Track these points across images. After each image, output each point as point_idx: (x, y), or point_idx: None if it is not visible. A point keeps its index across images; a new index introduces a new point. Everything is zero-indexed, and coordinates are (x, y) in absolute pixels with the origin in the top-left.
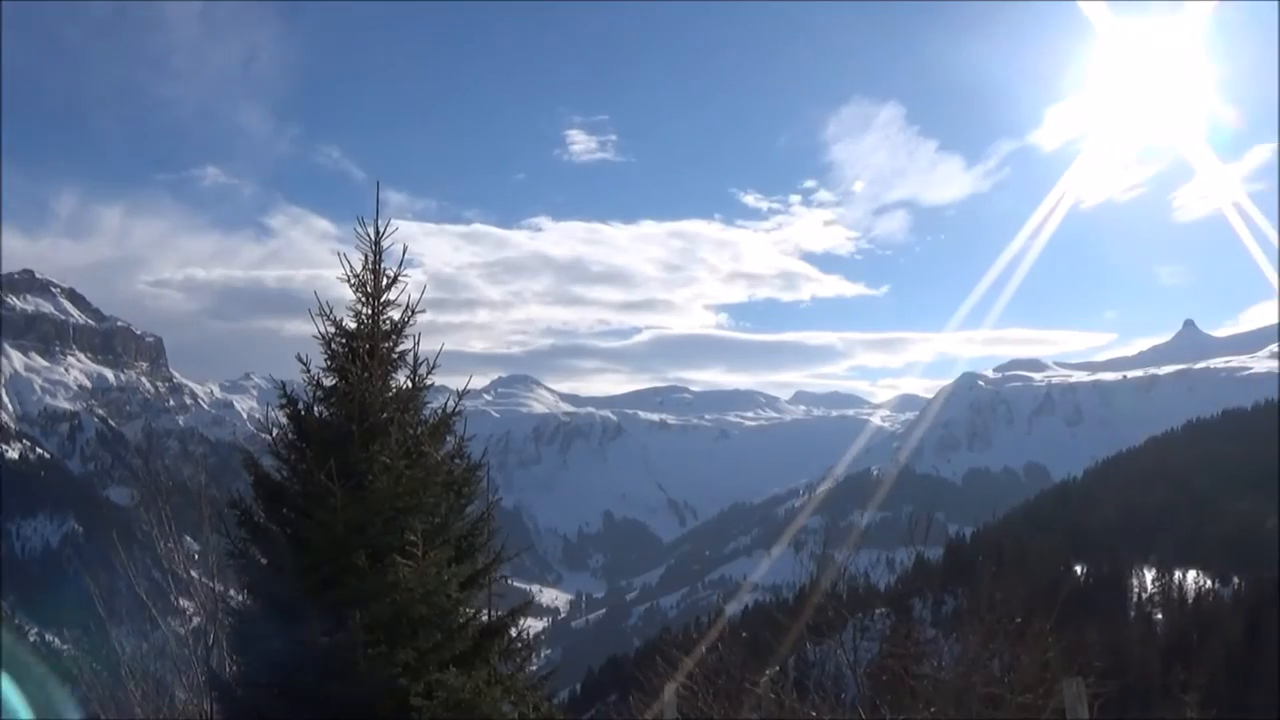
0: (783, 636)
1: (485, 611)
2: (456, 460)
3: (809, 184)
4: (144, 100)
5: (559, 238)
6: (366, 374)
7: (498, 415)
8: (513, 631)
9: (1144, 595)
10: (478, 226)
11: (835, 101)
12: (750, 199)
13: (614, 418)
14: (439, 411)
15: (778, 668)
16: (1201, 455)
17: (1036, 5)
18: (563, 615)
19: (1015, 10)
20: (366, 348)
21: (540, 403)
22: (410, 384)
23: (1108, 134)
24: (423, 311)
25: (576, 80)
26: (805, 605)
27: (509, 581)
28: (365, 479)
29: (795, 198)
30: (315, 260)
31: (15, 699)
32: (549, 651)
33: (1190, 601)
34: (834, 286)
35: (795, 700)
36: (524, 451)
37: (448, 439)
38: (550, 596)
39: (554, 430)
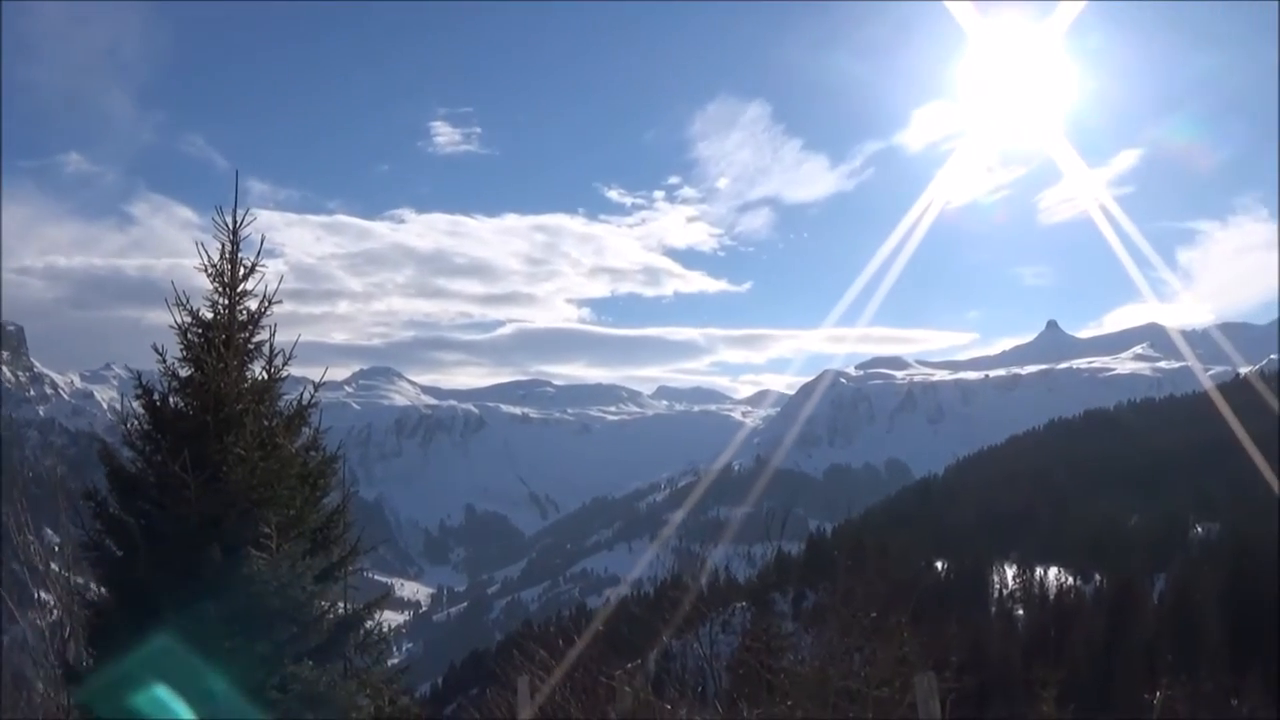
0: (641, 631)
1: (341, 604)
2: (312, 452)
3: (673, 180)
4: (7, 85)
5: (422, 229)
6: (222, 365)
7: (359, 407)
8: (369, 624)
9: (1005, 592)
10: (340, 217)
11: (701, 98)
12: (614, 194)
13: (476, 411)
14: (294, 403)
15: (639, 661)
16: (1063, 454)
17: (904, 7)
18: (424, 609)
19: (883, 12)
20: (222, 338)
21: (402, 395)
22: (266, 375)
23: (974, 136)
24: (279, 302)
25: (442, 72)
26: (664, 599)
27: (368, 575)
28: (220, 471)
29: (659, 194)
30: (177, 249)
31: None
32: (410, 645)
33: (1051, 598)
34: (697, 282)
35: (651, 694)
36: (385, 444)
37: (303, 431)
38: (411, 590)
39: (415, 423)
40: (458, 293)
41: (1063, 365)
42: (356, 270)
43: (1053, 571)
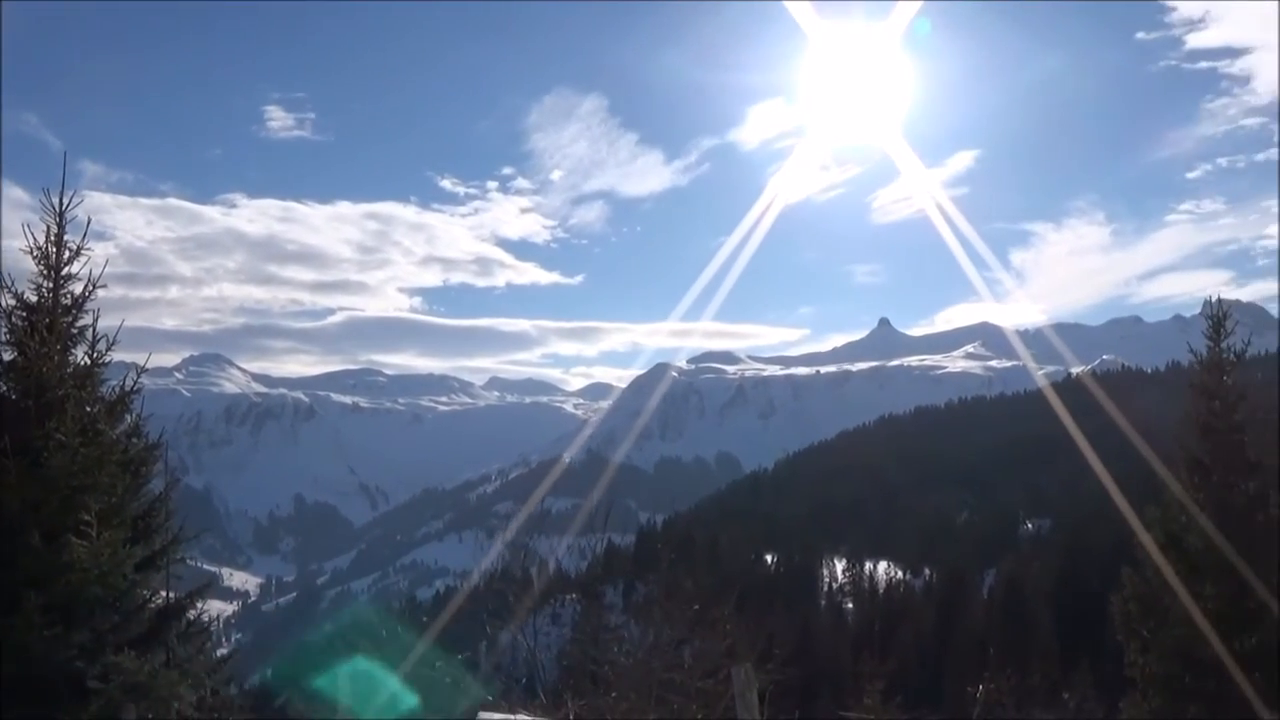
0: (469, 623)
1: (163, 593)
2: (134, 439)
3: (507, 171)
4: None
5: (253, 215)
6: (44, 349)
7: (189, 394)
8: (192, 614)
9: (834, 585)
10: (172, 200)
11: (538, 90)
12: (448, 183)
13: (306, 399)
14: (118, 389)
15: (468, 654)
16: (893, 450)
17: (743, 5)
18: (253, 599)
19: (720, 11)
20: (46, 322)
21: (232, 382)
22: (89, 360)
23: (810, 134)
24: (105, 286)
25: (276, 56)
26: (493, 592)
27: (195, 563)
28: (40, 456)
29: (493, 184)
30: (7, 230)
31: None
32: (240, 635)
33: (881, 592)
34: (530, 274)
35: (473, 684)
36: (215, 431)
37: (126, 417)
38: (240, 580)
39: (246, 411)
40: (289, 280)
41: (894, 362)
42: (187, 255)
43: (882, 566)
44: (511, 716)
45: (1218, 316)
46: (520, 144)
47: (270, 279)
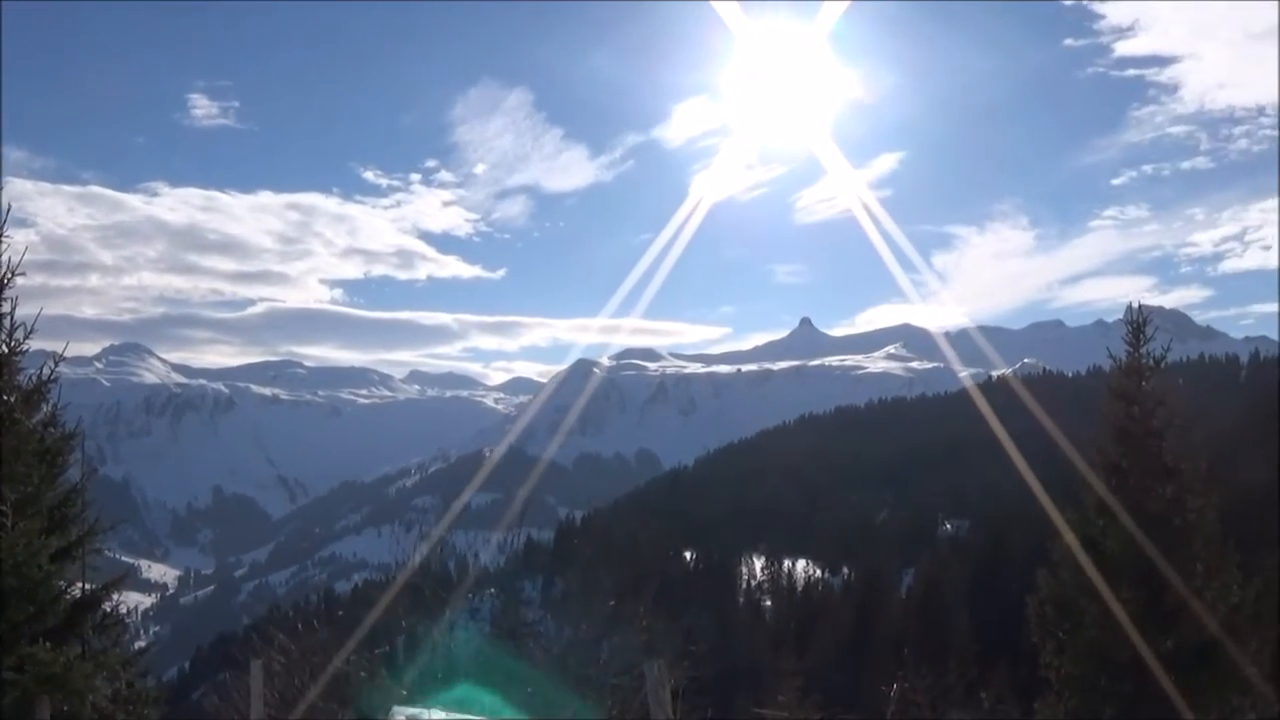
0: (386, 617)
1: (80, 584)
2: (51, 428)
3: (431, 164)
4: None
5: (175, 203)
6: None
7: (108, 384)
8: (108, 606)
9: (753, 583)
10: (94, 188)
11: (463, 83)
12: (371, 175)
13: (226, 390)
14: (34, 378)
15: (386, 648)
16: (813, 449)
17: (670, 4)
18: (171, 591)
19: (648, 8)
20: None
21: (152, 372)
22: (5, 349)
23: (735, 133)
24: (23, 274)
25: (201, 43)
26: (411, 586)
27: (113, 555)
28: None
29: (416, 176)
30: None
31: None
32: (158, 628)
33: (799, 590)
34: (451, 267)
35: (389, 679)
36: (134, 422)
37: (43, 406)
38: (159, 572)
39: (165, 401)
40: (210, 269)
41: (815, 362)
42: (108, 243)
43: (801, 564)
44: (427, 712)
45: (1137, 322)
46: (444, 137)
47: (191, 268)
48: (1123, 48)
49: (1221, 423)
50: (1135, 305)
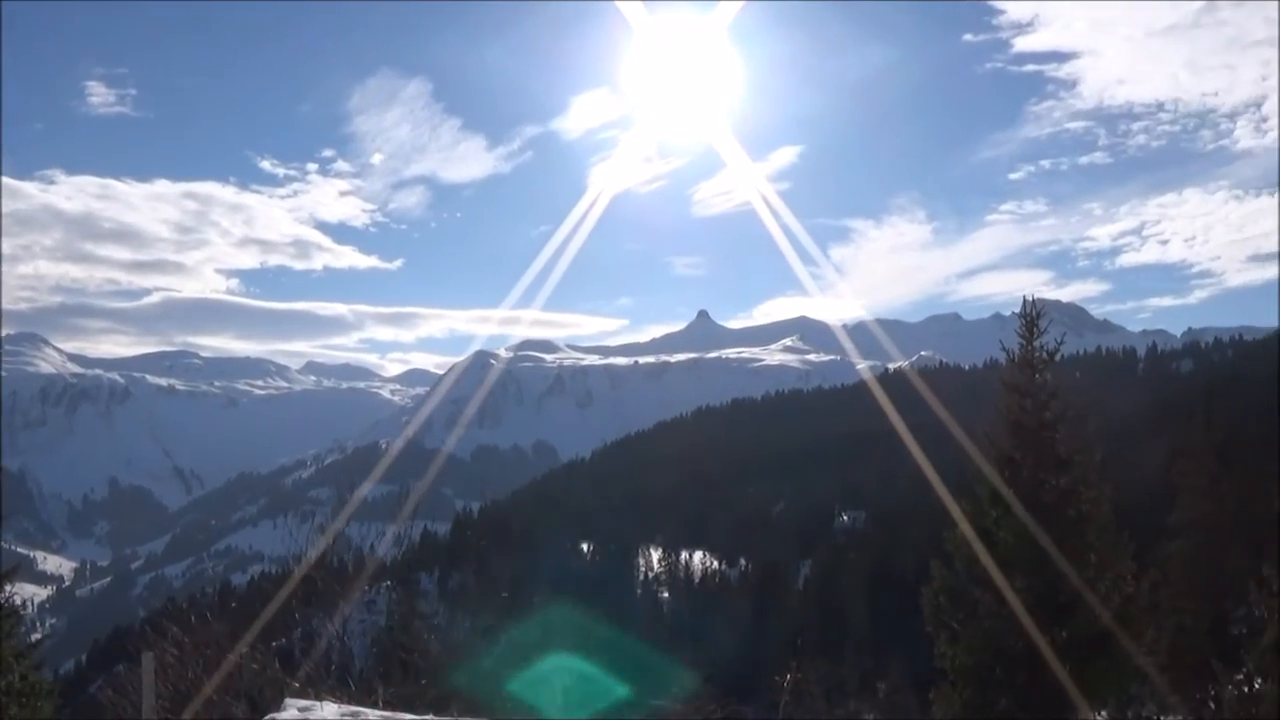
0: (282, 609)
1: None
2: None
3: (328, 153)
4: None
5: (71, 192)
6: None
7: (4, 374)
8: (2, 598)
9: (651, 575)
10: None
11: (362, 72)
12: (267, 164)
13: (121, 380)
14: None
15: (283, 640)
16: (710, 442)
17: None
18: (67, 583)
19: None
20: None
21: (48, 362)
22: None
23: (634, 126)
24: None
25: (98, 30)
26: (307, 578)
27: (9, 546)
28: None
29: (313, 166)
30: None
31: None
32: (54, 620)
33: (697, 582)
34: (348, 258)
35: (280, 672)
36: (30, 412)
37: None
38: (54, 563)
39: (61, 391)
40: (106, 259)
41: (712, 354)
42: (4, 231)
43: (698, 556)
44: (318, 703)
45: (1030, 316)
46: (342, 126)
47: (87, 257)
48: (1022, 43)
49: (1118, 415)
50: (1029, 299)
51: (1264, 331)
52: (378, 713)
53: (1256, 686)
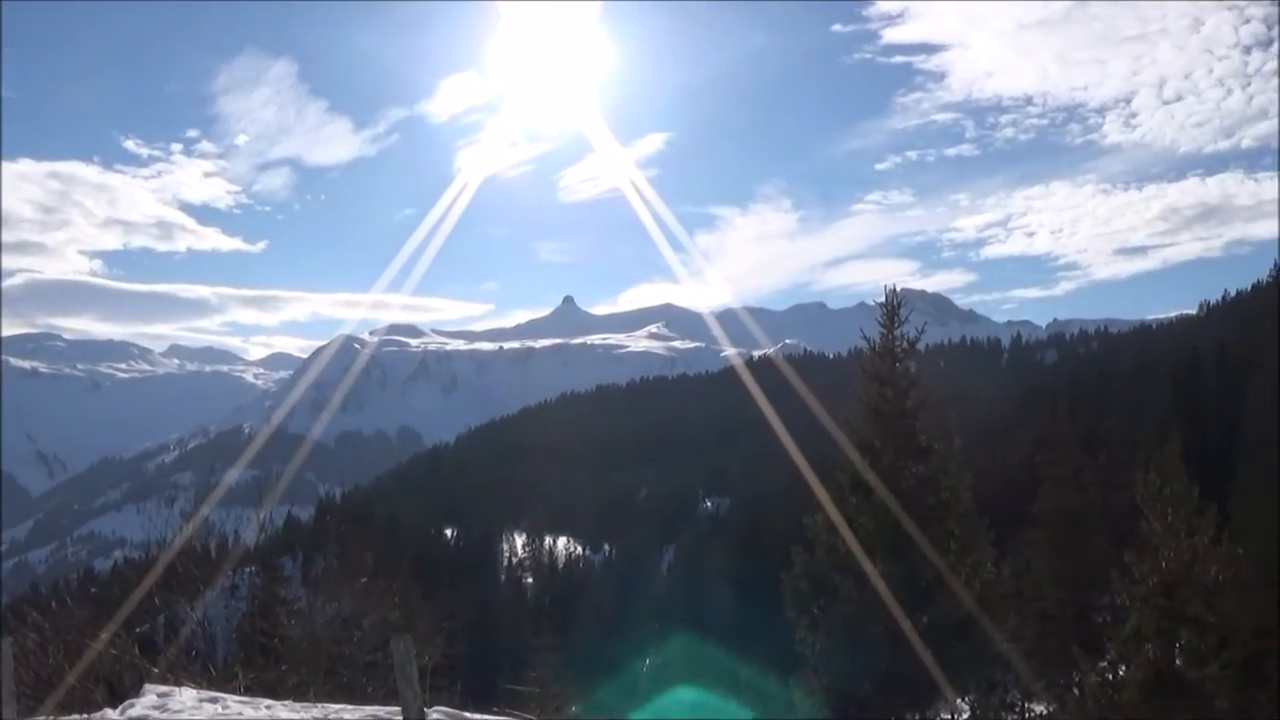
0: (140, 595)
1: None
2: None
3: (192, 134)
4: None
5: None
6: None
7: None
8: None
9: (515, 560)
10: None
11: (228, 52)
12: (131, 144)
13: None
14: None
15: (146, 626)
16: (575, 428)
17: None
18: None
19: None
20: None
21: None
22: None
23: (500, 110)
24: None
25: None
26: (170, 564)
27: None
28: None
29: (177, 146)
30: None
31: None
32: None
33: (560, 567)
34: (211, 239)
35: (139, 658)
36: None
37: None
38: None
39: None
40: None
41: (577, 340)
42: None
43: (562, 541)
44: (176, 689)
45: (891, 305)
46: (207, 107)
47: None
48: (891, 35)
49: (982, 405)
50: (889, 288)
51: (1129, 324)
52: (237, 698)
53: (1120, 674)
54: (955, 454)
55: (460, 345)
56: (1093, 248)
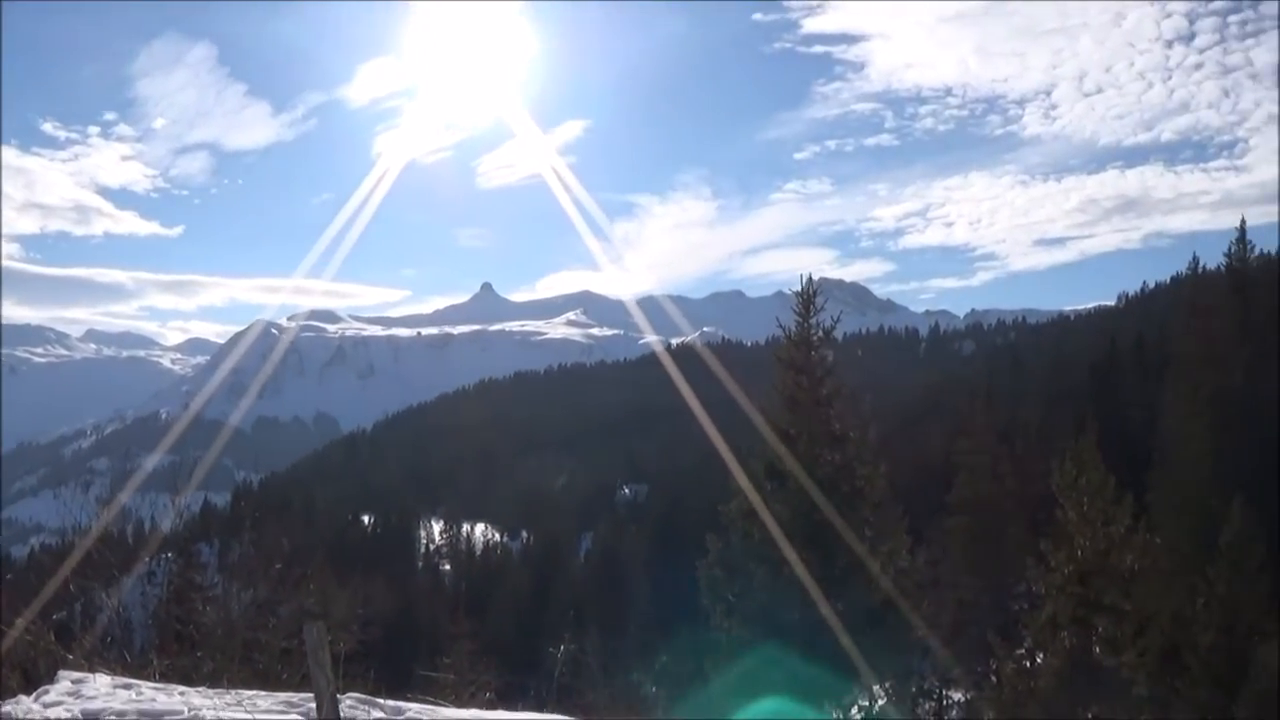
0: (53, 582)
1: None
2: None
3: (110, 116)
4: None
5: None
6: None
7: None
8: None
9: (432, 547)
10: None
11: (147, 34)
12: (49, 126)
13: None
14: None
15: (63, 613)
16: (493, 414)
17: None
18: None
19: None
20: None
21: None
22: None
23: (419, 95)
24: None
25: None
26: (86, 550)
27: None
28: None
29: (95, 129)
30: None
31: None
32: None
33: (478, 554)
34: (128, 224)
35: (55, 645)
36: None
37: None
38: None
39: None
40: None
41: (495, 327)
42: None
43: (480, 528)
44: (91, 676)
45: (807, 294)
46: (125, 89)
47: None
48: (811, 24)
49: (900, 394)
50: (805, 277)
51: (1047, 315)
52: (151, 685)
53: (1036, 661)
54: (870, 442)
55: (378, 331)
56: (1011, 238)
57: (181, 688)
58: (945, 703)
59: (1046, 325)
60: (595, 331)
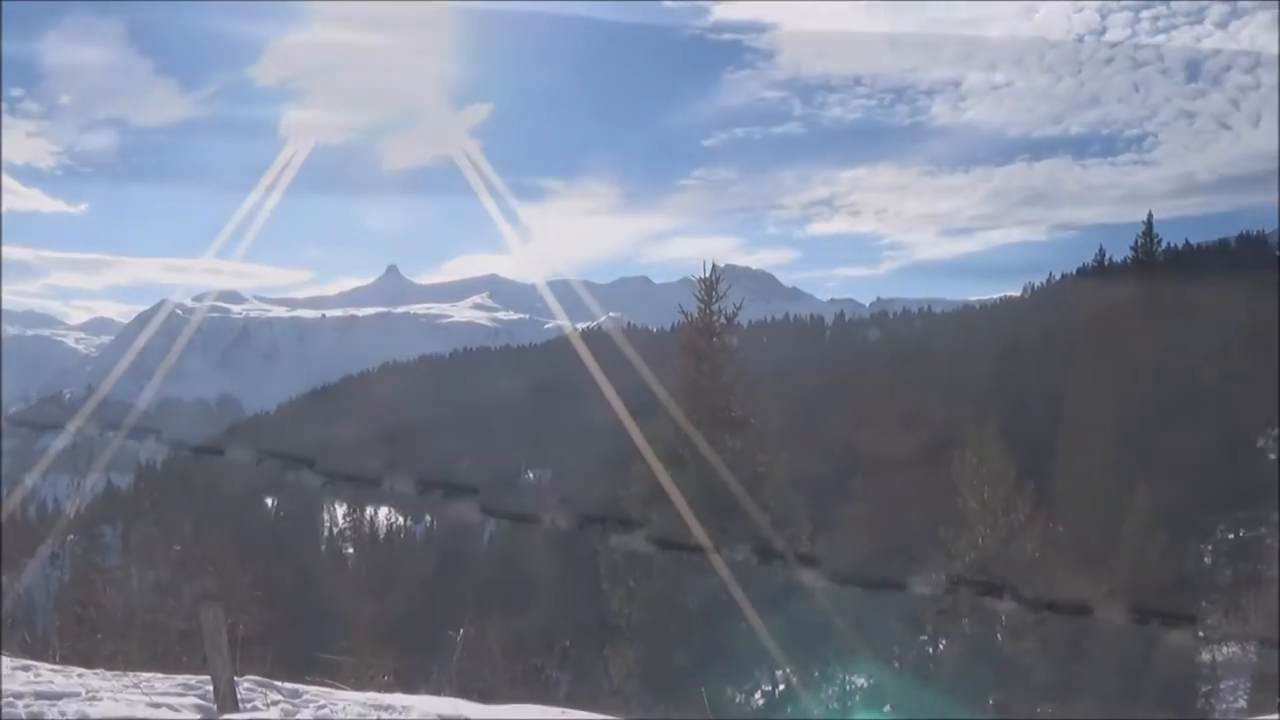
0: None
1: None
2: None
3: (16, 92)
4: None
5: None
6: None
7: None
8: None
9: (335, 530)
10: None
11: (55, 9)
12: None
13: None
14: None
15: None
16: (397, 397)
17: None
18: None
19: None
20: None
21: None
22: None
23: (327, 74)
24: None
25: None
26: None
27: None
28: None
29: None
30: None
31: None
32: None
33: (381, 538)
34: (33, 200)
35: None
36: None
37: None
38: None
39: None
40: None
41: (401, 309)
42: None
43: (383, 511)
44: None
45: (709, 281)
46: (31, 65)
47: None
48: (721, 11)
49: (804, 382)
50: (707, 264)
51: (952, 304)
52: (49, 666)
53: (938, 647)
54: (771, 428)
55: (282, 313)
56: (917, 228)
57: (80, 670)
58: (849, 688)
59: (952, 315)
60: (501, 315)
